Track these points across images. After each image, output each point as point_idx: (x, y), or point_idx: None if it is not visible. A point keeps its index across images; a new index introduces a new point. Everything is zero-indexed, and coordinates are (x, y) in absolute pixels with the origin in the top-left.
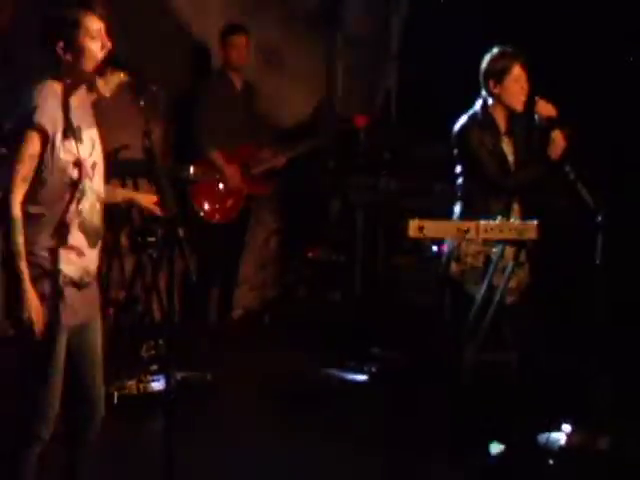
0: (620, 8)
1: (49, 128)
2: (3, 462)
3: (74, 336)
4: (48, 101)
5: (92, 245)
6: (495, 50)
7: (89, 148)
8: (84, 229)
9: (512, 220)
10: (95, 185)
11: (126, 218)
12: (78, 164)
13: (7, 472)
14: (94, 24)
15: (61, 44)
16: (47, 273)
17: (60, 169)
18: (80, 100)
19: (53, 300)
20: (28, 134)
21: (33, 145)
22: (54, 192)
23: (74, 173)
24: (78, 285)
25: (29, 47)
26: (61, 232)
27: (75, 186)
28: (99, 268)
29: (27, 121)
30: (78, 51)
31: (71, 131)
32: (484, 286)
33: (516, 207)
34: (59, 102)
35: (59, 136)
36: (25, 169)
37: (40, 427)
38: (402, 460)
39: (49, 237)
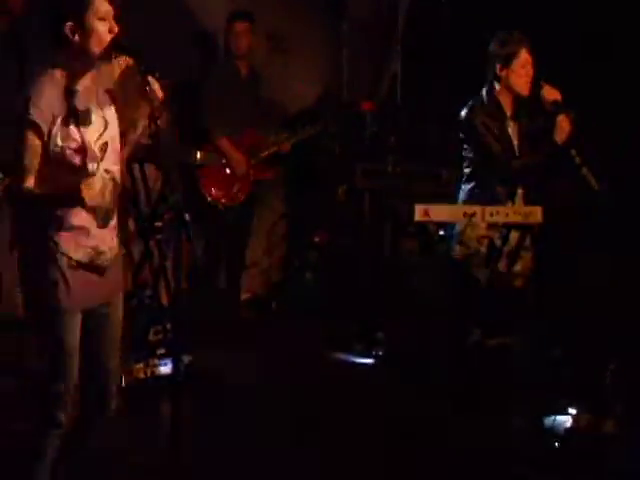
0: None
1: (42, 122)
2: (23, 447)
3: (90, 318)
4: (44, 92)
5: (102, 225)
6: (502, 34)
7: (99, 129)
8: (93, 209)
9: (517, 204)
10: (107, 165)
11: (133, 203)
12: (81, 150)
13: (28, 457)
14: (103, 5)
15: (70, 25)
16: (50, 257)
17: (57, 156)
18: (91, 80)
19: (55, 284)
20: (24, 131)
21: (30, 139)
22: (54, 177)
23: (75, 159)
24: (89, 267)
25: (40, 32)
26: (64, 216)
27: (77, 171)
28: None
29: (21, 117)
30: (87, 32)
31: (74, 117)
32: (488, 271)
33: (520, 191)
34: (59, 90)
35: (58, 123)
36: (29, 156)
37: (57, 412)
38: (406, 444)
39: (52, 221)
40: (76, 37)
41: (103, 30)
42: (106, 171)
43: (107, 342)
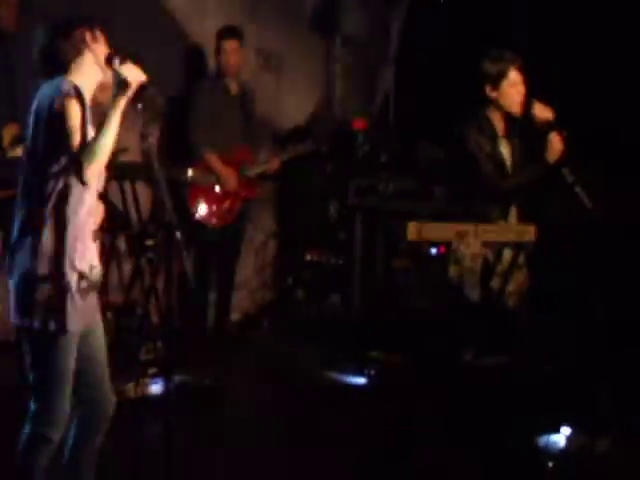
0: (618, 8)
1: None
2: (14, 465)
3: (82, 340)
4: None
5: (93, 240)
6: (491, 53)
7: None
8: (92, 217)
9: (510, 222)
10: (98, 185)
11: (124, 222)
12: None
13: (18, 475)
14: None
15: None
16: (64, 279)
17: None
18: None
19: (64, 308)
20: (70, 103)
21: (76, 113)
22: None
23: None
24: (89, 286)
25: (30, 47)
26: (81, 230)
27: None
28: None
29: (69, 92)
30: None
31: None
32: (482, 290)
33: (514, 210)
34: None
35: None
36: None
37: (51, 430)
38: (401, 463)
39: (69, 237)
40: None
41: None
42: (97, 190)
43: (99, 363)
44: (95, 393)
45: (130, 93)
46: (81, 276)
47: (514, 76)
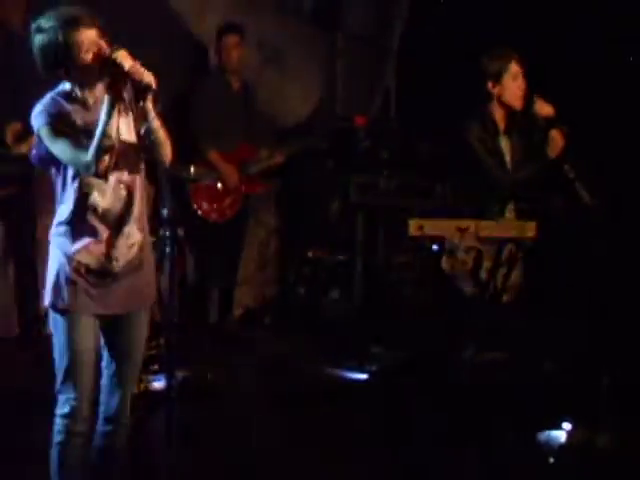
0: (619, 7)
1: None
2: (43, 459)
3: (107, 328)
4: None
5: (114, 231)
6: (489, 51)
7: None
8: (101, 216)
9: (510, 219)
10: (119, 174)
11: None
12: None
13: (48, 469)
14: (84, 36)
15: (61, 71)
16: (59, 260)
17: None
18: (101, 93)
19: (61, 286)
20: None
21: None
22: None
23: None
24: (99, 274)
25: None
26: (76, 223)
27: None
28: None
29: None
30: (78, 68)
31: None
32: (474, 283)
33: (512, 206)
34: (63, 105)
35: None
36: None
37: (70, 421)
38: (402, 460)
39: (65, 224)
40: (71, 76)
41: (92, 58)
42: (119, 181)
43: (128, 357)
44: (111, 392)
45: (125, 80)
46: (79, 264)
47: (515, 69)
